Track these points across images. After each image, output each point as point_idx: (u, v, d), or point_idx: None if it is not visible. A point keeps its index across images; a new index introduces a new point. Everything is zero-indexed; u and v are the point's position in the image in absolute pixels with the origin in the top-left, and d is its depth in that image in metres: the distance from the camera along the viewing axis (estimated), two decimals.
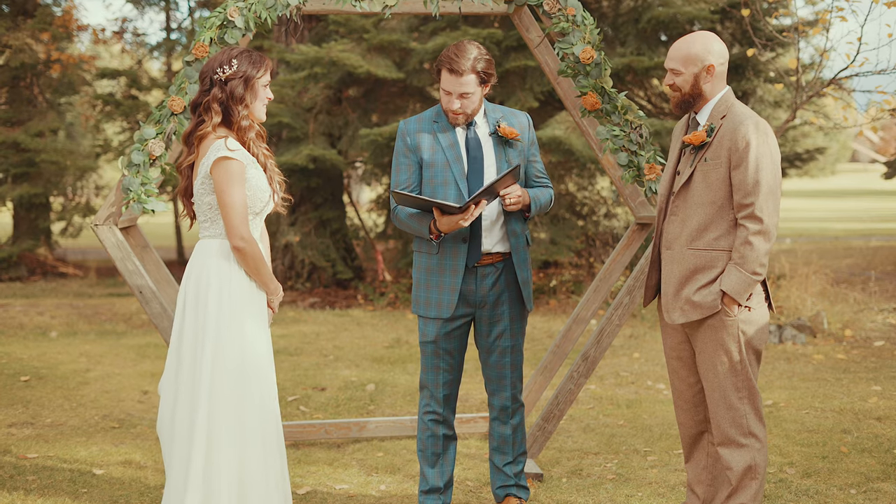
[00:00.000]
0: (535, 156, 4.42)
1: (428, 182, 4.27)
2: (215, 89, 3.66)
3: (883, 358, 7.79)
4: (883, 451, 5.29)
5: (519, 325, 4.38)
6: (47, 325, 9.84)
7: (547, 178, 4.47)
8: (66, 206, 14.95)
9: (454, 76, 4.14)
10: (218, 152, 3.58)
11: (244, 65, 3.67)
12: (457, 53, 4.14)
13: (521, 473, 4.54)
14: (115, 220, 4.83)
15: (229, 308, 3.61)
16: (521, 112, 4.44)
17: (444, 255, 4.24)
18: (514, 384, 4.42)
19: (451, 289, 4.24)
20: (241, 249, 3.61)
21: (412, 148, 4.29)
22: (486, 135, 4.30)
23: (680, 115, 4.01)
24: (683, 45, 3.89)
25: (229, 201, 3.58)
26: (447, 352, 4.33)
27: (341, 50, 10.55)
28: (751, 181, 3.71)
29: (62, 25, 14.49)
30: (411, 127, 4.33)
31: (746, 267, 3.72)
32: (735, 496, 3.90)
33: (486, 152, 4.28)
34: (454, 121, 4.24)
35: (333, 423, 5.62)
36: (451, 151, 4.25)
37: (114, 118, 14.91)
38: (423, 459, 4.45)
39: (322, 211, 11.99)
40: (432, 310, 4.29)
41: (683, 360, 4.04)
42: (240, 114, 3.67)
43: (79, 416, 6.27)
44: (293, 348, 8.59)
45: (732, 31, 11.16)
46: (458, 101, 4.18)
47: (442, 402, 4.39)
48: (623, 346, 8.56)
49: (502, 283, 4.29)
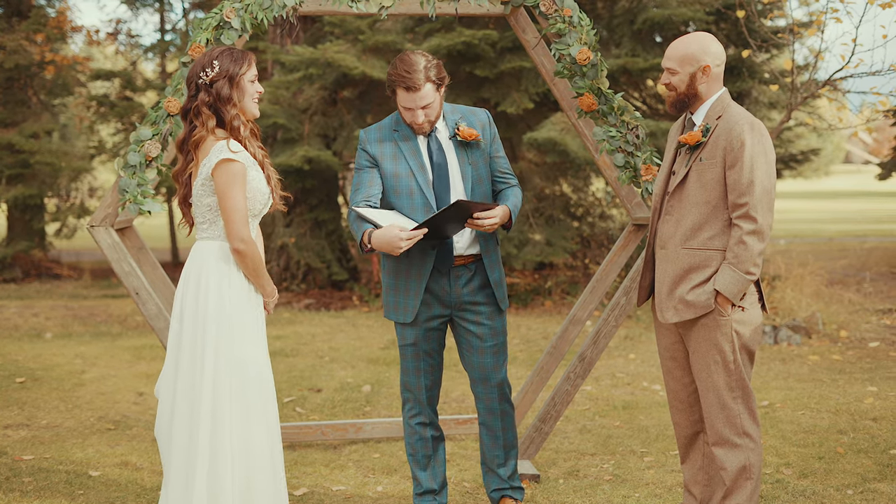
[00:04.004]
0: (497, 151, 4.37)
1: (392, 192, 4.22)
2: (202, 94, 3.64)
3: (878, 359, 7.80)
4: (879, 452, 5.30)
5: (500, 322, 4.34)
6: (42, 327, 9.82)
7: (512, 174, 4.42)
8: (61, 208, 14.90)
9: (412, 93, 4.07)
10: (221, 154, 3.56)
11: (226, 64, 3.63)
12: (407, 70, 4.05)
13: (515, 474, 4.51)
14: (111, 222, 4.82)
15: (229, 310, 3.60)
16: (480, 109, 4.39)
17: (410, 258, 4.20)
18: (501, 384, 4.38)
19: (415, 294, 4.21)
20: (241, 252, 3.60)
21: (373, 156, 4.24)
22: (447, 139, 4.26)
23: (675, 115, 4.01)
24: (681, 44, 3.90)
25: (231, 204, 3.56)
26: (427, 353, 4.31)
27: (336, 51, 10.55)
28: (745, 181, 3.71)
29: (56, 27, 14.46)
30: (372, 136, 4.27)
31: (740, 266, 3.72)
32: (730, 497, 3.90)
33: (450, 157, 4.24)
34: (420, 131, 4.19)
35: (330, 424, 5.62)
36: (415, 160, 4.20)
37: (108, 119, 14.88)
38: (415, 463, 4.44)
39: (317, 212, 11.98)
40: (399, 314, 4.27)
41: (678, 360, 4.05)
42: (230, 114, 3.64)
43: (74, 418, 6.26)
44: (289, 350, 8.58)
45: (727, 32, 11.16)
46: (421, 113, 4.12)
47: (426, 404, 4.38)
48: (619, 347, 8.56)
49: (476, 283, 4.26)
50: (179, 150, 3.71)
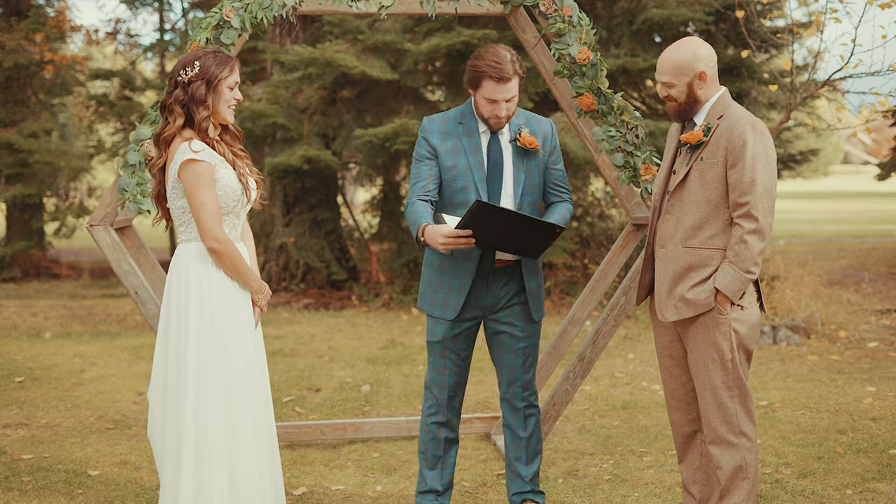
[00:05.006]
0: (556, 163, 4.34)
1: (448, 185, 4.21)
2: (178, 90, 3.62)
3: (877, 359, 7.81)
4: (878, 452, 5.30)
5: (533, 326, 4.33)
6: (41, 326, 9.82)
7: (566, 188, 4.38)
8: (60, 207, 14.89)
9: (502, 84, 4.05)
10: (183, 155, 3.55)
11: (209, 65, 3.61)
12: (497, 61, 4.04)
13: (537, 478, 4.47)
14: (110, 221, 4.82)
15: (210, 312, 3.58)
16: (546, 119, 4.37)
17: (456, 256, 4.19)
18: (527, 386, 4.37)
19: (458, 291, 4.20)
20: (215, 250, 3.58)
21: (434, 146, 4.22)
22: (508, 142, 4.24)
23: (679, 122, 4.01)
24: (671, 56, 3.88)
25: (199, 202, 3.54)
26: (454, 352, 4.29)
27: (336, 51, 10.54)
28: (747, 180, 3.72)
29: (55, 26, 14.45)
30: (435, 126, 4.26)
31: (741, 265, 3.73)
32: (728, 497, 3.91)
33: (506, 160, 4.22)
34: (497, 125, 4.16)
35: (329, 423, 5.62)
36: (474, 157, 4.18)
37: (107, 119, 14.87)
38: (423, 461, 4.42)
39: (316, 212, 11.98)
40: (437, 309, 4.25)
41: (676, 359, 4.05)
42: (200, 115, 3.61)
43: (73, 417, 6.26)
44: (288, 349, 8.58)
45: (726, 32, 11.17)
46: (504, 106, 4.10)
47: (446, 404, 4.34)
48: (618, 346, 8.56)
49: (512, 288, 4.25)
50: (155, 143, 3.69)
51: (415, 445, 5.58)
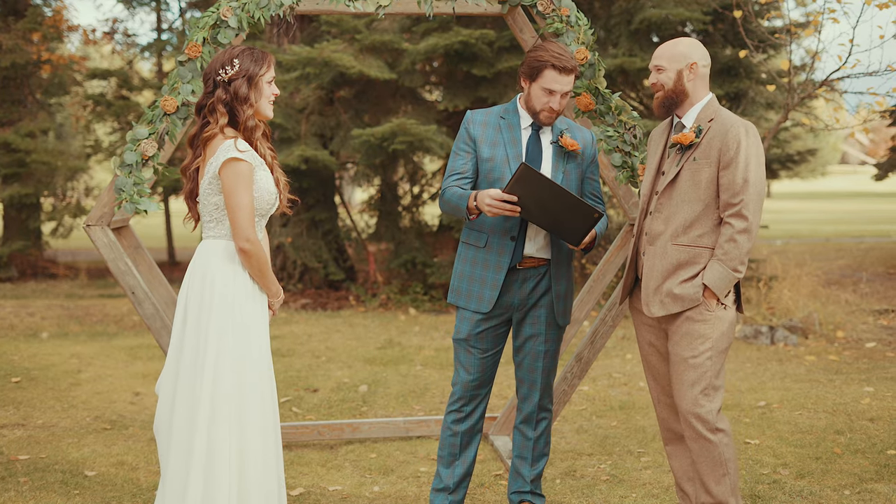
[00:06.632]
0: (593, 174, 4.36)
1: (484, 177, 4.23)
2: (219, 90, 3.63)
3: (875, 359, 7.81)
4: (876, 452, 5.30)
5: (556, 331, 4.34)
6: (38, 326, 9.80)
7: (602, 199, 4.39)
8: (57, 207, 14.87)
9: (564, 74, 4.08)
10: (228, 153, 3.55)
11: (246, 63, 3.63)
12: (561, 52, 4.08)
13: (539, 480, 4.49)
14: (107, 221, 4.81)
15: (233, 310, 3.59)
16: (587, 129, 4.39)
17: (490, 250, 4.21)
18: (544, 390, 4.38)
19: (493, 285, 4.20)
20: (246, 251, 3.59)
21: (474, 137, 4.25)
22: (548, 142, 4.25)
23: (663, 116, 4.06)
24: (669, 44, 4.01)
25: (237, 203, 3.55)
26: (480, 350, 4.29)
27: (333, 50, 10.53)
28: (740, 180, 3.81)
29: (52, 26, 14.42)
30: (478, 118, 4.29)
31: (729, 263, 3.82)
32: (711, 493, 3.95)
33: (545, 158, 4.23)
34: (547, 120, 4.17)
35: (326, 424, 5.61)
36: (513, 149, 4.20)
37: (104, 119, 14.85)
38: (440, 459, 4.43)
39: (314, 212, 11.97)
40: (472, 302, 4.25)
41: (662, 355, 4.12)
42: (245, 113, 3.63)
43: (70, 418, 6.25)
44: (285, 349, 8.57)
45: (724, 32, 11.17)
46: (559, 100, 4.12)
47: (468, 399, 4.34)
48: (615, 347, 8.56)
49: (542, 288, 4.26)
50: (189, 144, 3.71)
51: (413, 446, 5.59)
